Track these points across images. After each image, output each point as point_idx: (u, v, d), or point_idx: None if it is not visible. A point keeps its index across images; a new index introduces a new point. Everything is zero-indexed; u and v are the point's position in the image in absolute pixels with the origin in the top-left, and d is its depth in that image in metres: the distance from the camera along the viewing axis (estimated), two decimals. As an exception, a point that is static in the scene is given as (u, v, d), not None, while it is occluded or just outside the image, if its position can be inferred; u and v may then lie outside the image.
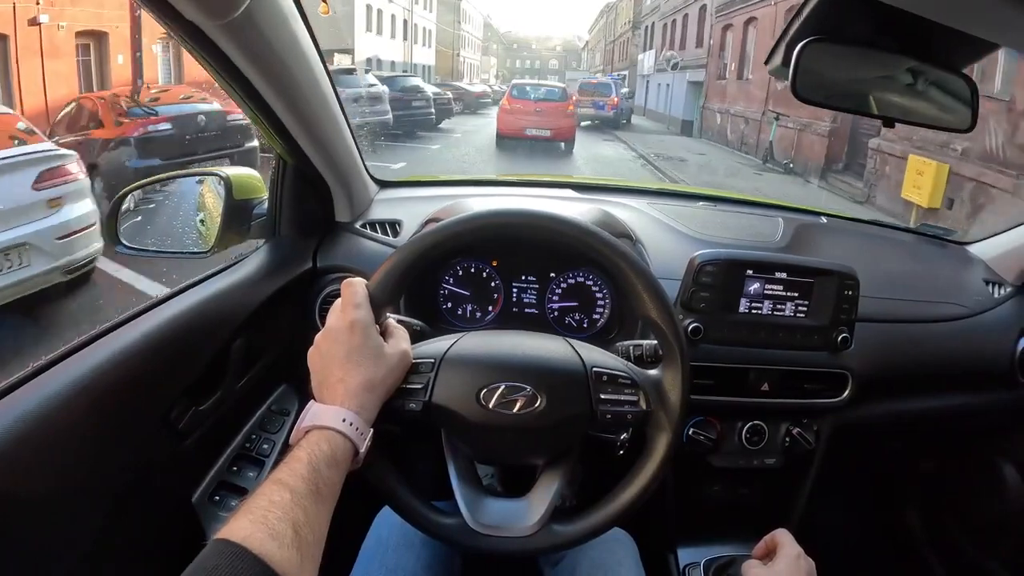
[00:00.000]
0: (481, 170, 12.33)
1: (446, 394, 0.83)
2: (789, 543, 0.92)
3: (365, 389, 0.76)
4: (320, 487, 0.66)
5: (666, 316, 0.86)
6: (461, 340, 0.88)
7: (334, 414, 0.73)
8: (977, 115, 0.94)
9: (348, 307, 0.79)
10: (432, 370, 0.84)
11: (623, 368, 0.87)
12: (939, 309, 1.44)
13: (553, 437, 0.87)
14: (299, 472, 0.66)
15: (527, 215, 0.88)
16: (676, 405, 0.86)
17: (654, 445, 0.87)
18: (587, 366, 0.85)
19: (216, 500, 1.09)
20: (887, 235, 1.78)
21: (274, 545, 0.58)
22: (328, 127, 1.16)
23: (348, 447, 0.72)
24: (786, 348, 1.24)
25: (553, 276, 1.33)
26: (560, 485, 0.86)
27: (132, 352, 0.89)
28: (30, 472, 0.74)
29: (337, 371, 0.76)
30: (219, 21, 0.81)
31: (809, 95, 0.89)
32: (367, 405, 0.75)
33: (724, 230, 1.51)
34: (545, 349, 0.88)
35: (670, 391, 0.86)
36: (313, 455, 0.68)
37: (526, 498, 0.87)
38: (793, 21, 0.86)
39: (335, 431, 0.71)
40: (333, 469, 0.69)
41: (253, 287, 1.14)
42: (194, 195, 1.37)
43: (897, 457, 1.79)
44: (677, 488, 1.34)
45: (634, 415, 0.85)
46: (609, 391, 0.84)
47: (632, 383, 0.86)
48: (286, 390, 1.26)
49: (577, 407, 0.84)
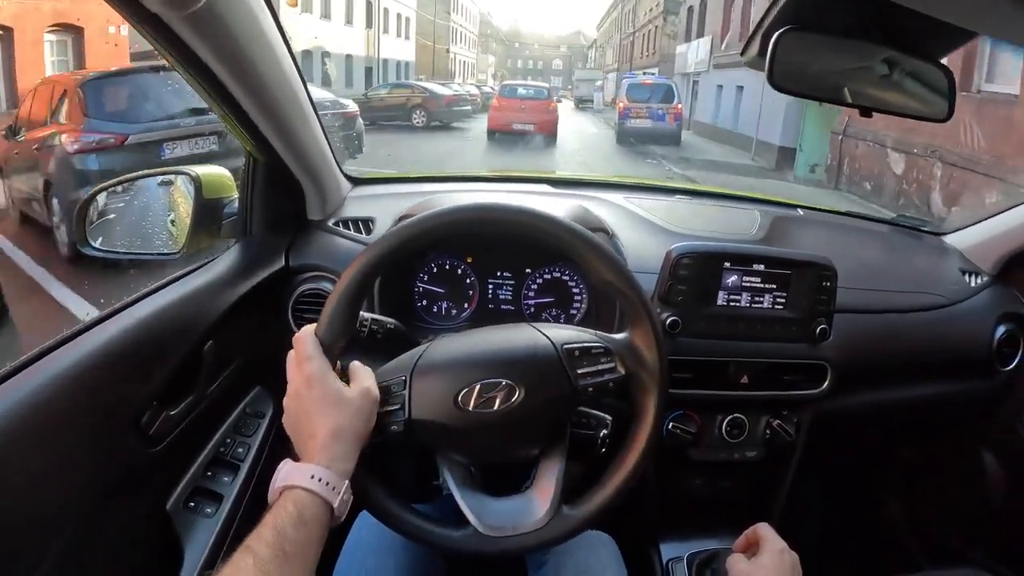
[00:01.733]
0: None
1: (424, 407, 0.82)
2: (772, 537, 0.92)
3: (332, 439, 0.75)
4: (287, 549, 0.66)
5: (622, 277, 0.86)
6: (427, 350, 0.87)
7: (302, 472, 0.72)
8: (954, 105, 0.95)
9: (302, 361, 0.79)
10: (404, 387, 0.83)
11: (593, 338, 0.87)
12: (916, 299, 1.45)
13: (541, 424, 0.86)
14: (264, 537, 0.66)
15: (471, 209, 0.88)
16: (654, 361, 0.86)
17: (643, 407, 0.87)
18: (557, 345, 0.85)
19: (191, 506, 1.06)
20: (863, 226, 1.79)
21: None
22: (298, 123, 1.14)
23: (318, 504, 0.71)
24: (765, 340, 1.24)
25: (529, 272, 1.32)
26: (561, 470, 0.86)
27: (100, 357, 0.87)
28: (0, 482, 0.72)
29: (306, 427, 0.77)
30: (182, 12, 0.78)
31: (785, 85, 0.89)
32: (338, 455, 0.75)
33: (701, 223, 1.51)
34: (513, 339, 0.87)
35: (644, 350, 0.86)
36: (279, 517, 0.68)
37: (529, 491, 0.86)
38: (769, 10, 0.85)
39: (302, 489, 0.71)
40: (300, 529, 0.68)
41: (224, 288, 1.12)
42: (164, 195, 1.34)
43: (877, 447, 1.80)
44: (659, 483, 1.33)
45: (615, 381, 0.85)
46: (585, 364, 0.84)
47: (605, 351, 0.86)
48: (260, 392, 1.24)
49: (557, 388, 0.83)
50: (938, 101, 0.95)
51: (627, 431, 0.89)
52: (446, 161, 13.31)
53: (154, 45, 0.85)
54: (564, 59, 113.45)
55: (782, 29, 0.83)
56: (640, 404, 0.87)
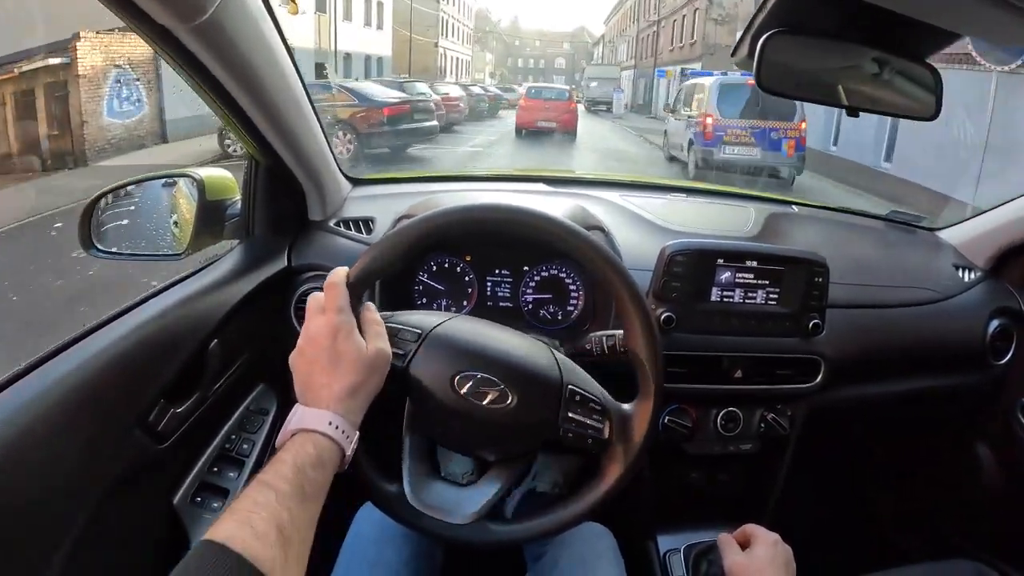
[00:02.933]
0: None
1: (423, 368, 0.84)
2: (763, 532, 0.94)
3: (349, 395, 0.76)
4: (305, 488, 0.67)
5: (651, 352, 0.87)
6: (450, 320, 0.89)
7: (320, 417, 0.73)
8: (941, 103, 0.96)
9: (331, 311, 0.79)
10: (416, 340, 0.85)
11: (598, 394, 0.88)
12: (909, 294, 1.46)
13: (514, 437, 0.88)
14: (284, 474, 0.66)
15: (514, 212, 0.89)
16: (637, 443, 0.87)
17: (604, 474, 0.88)
18: (564, 382, 0.86)
19: (198, 501, 1.08)
20: (857, 222, 1.81)
21: (258, 545, 0.58)
22: (299, 126, 1.16)
23: (334, 449, 0.73)
24: (758, 335, 1.26)
25: (527, 269, 1.34)
26: (505, 485, 0.87)
27: (107, 356, 0.89)
28: (8, 480, 0.74)
29: (322, 376, 0.77)
30: (189, 24, 0.81)
31: (774, 86, 0.90)
32: (352, 409, 0.76)
33: (696, 220, 1.53)
34: (529, 353, 0.88)
35: (636, 428, 0.88)
36: (298, 457, 0.69)
37: (470, 488, 0.87)
38: (758, 14, 0.87)
39: (321, 434, 0.72)
40: (319, 471, 0.70)
41: (228, 288, 1.14)
42: (167, 197, 1.36)
43: (872, 440, 1.82)
44: (654, 476, 1.35)
45: (594, 441, 0.86)
46: (578, 411, 0.85)
47: (602, 410, 0.87)
48: (264, 390, 1.26)
49: (543, 416, 0.85)
50: (926, 98, 0.96)
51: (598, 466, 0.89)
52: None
53: (161, 55, 0.87)
54: (568, 57, 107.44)
55: (770, 31, 0.85)
56: (604, 471, 0.88)
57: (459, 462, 0.94)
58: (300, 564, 0.63)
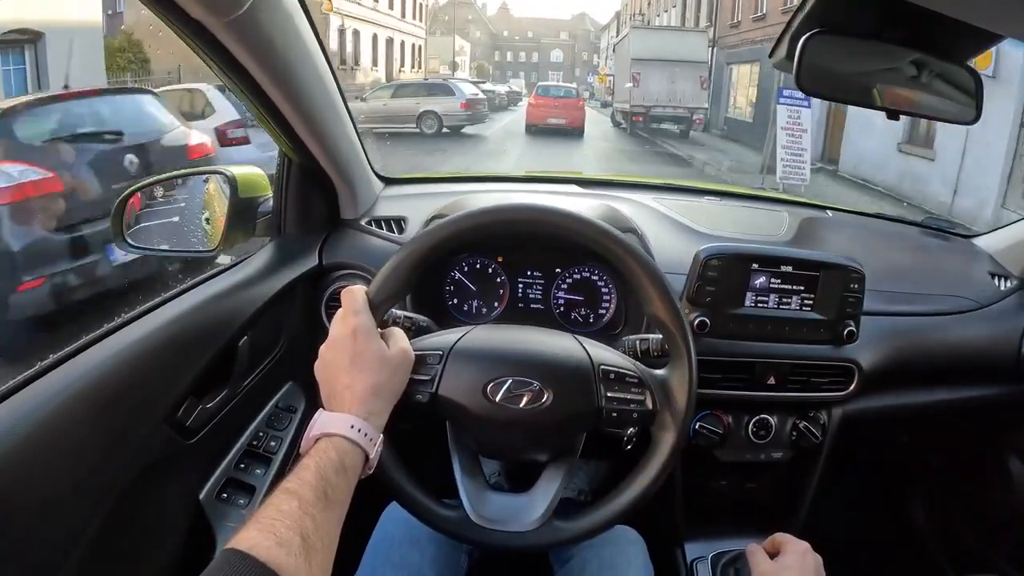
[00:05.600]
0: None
1: (453, 386, 0.84)
2: (793, 540, 0.92)
3: (372, 395, 0.76)
4: (328, 494, 0.67)
5: (673, 315, 0.86)
6: (469, 333, 0.88)
7: (342, 421, 0.74)
8: (982, 107, 0.94)
9: (348, 315, 0.80)
10: (440, 362, 0.85)
11: (631, 367, 0.87)
12: (945, 302, 1.43)
13: (558, 433, 0.88)
14: (307, 480, 0.67)
15: (539, 211, 0.89)
16: (682, 405, 0.86)
17: (659, 444, 0.88)
18: (595, 363, 0.85)
19: (224, 498, 1.09)
20: (892, 228, 1.78)
21: (281, 552, 0.58)
22: (332, 124, 1.17)
23: (357, 453, 0.73)
24: (792, 342, 1.24)
25: (559, 271, 1.33)
26: (563, 481, 0.87)
27: (138, 350, 0.89)
28: (36, 471, 0.74)
29: (343, 379, 0.77)
30: (224, 18, 0.81)
31: (814, 88, 0.89)
32: (375, 410, 0.76)
33: (730, 224, 1.52)
34: (553, 345, 0.88)
35: (676, 391, 0.87)
36: (321, 463, 0.69)
37: (529, 493, 0.87)
38: (796, 14, 0.86)
39: (343, 438, 0.72)
40: (341, 476, 0.70)
41: (259, 285, 1.15)
42: (199, 194, 1.38)
43: (903, 450, 1.79)
44: (684, 483, 1.34)
45: (640, 414, 0.86)
46: (616, 389, 0.85)
47: (639, 382, 0.86)
48: (292, 388, 1.26)
49: (583, 404, 0.84)
50: (966, 102, 0.94)
51: (650, 437, 0.89)
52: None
53: (195, 50, 0.88)
54: (566, 49, 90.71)
55: (810, 32, 0.84)
56: (657, 441, 0.88)
57: (484, 464, 0.94)
58: (324, 571, 0.63)
